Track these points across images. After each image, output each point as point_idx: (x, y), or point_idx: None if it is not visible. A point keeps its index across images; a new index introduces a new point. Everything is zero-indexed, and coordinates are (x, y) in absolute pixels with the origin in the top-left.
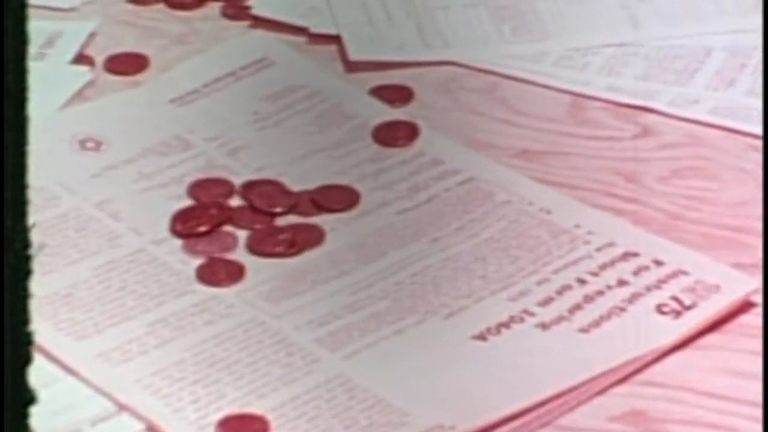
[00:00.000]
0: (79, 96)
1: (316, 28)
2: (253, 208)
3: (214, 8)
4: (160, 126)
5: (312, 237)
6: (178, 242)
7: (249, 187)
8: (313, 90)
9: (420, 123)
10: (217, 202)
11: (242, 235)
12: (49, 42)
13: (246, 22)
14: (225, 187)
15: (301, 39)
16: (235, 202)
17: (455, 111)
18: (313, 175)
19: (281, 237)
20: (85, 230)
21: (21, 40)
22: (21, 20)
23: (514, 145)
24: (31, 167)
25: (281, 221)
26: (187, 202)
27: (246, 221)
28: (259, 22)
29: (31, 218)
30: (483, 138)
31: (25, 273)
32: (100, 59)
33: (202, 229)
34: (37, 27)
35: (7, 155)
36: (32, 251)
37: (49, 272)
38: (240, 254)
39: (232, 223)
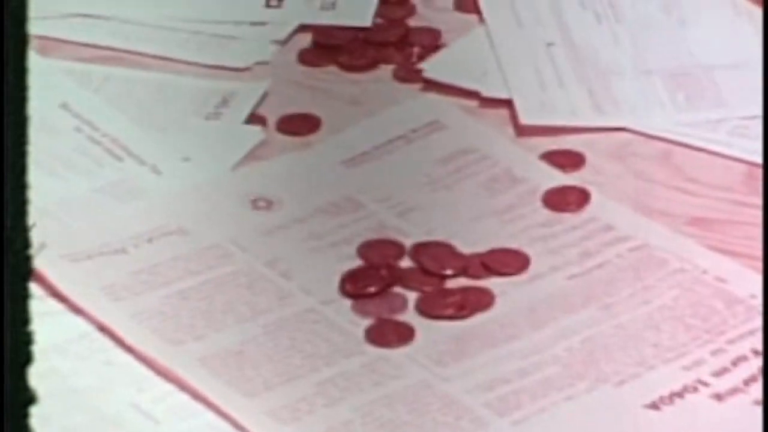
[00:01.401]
0: (252, 155)
1: (487, 92)
2: (423, 269)
3: (386, 71)
4: (332, 187)
5: (482, 300)
6: (347, 302)
7: (419, 248)
8: (484, 154)
9: (591, 189)
10: (388, 263)
11: (412, 296)
12: (224, 102)
13: (418, 85)
14: (395, 248)
15: (473, 103)
16: (406, 263)
17: (628, 177)
18: (484, 239)
19: (451, 299)
20: (256, 288)
21: (21, 40)
22: (21, 20)
23: (688, 213)
24: (205, 225)
25: (451, 284)
26: (358, 263)
27: (416, 283)
28: (431, 85)
29: (204, 276)
30: (656, 205)
31: (25, 273)
32: (272, 119)
33: (372, 289)
34: (211, 87)
35: (8, 155)
36: (32, 251)
37: (221, 329)
38: (409, 316)
39: (402, 284)
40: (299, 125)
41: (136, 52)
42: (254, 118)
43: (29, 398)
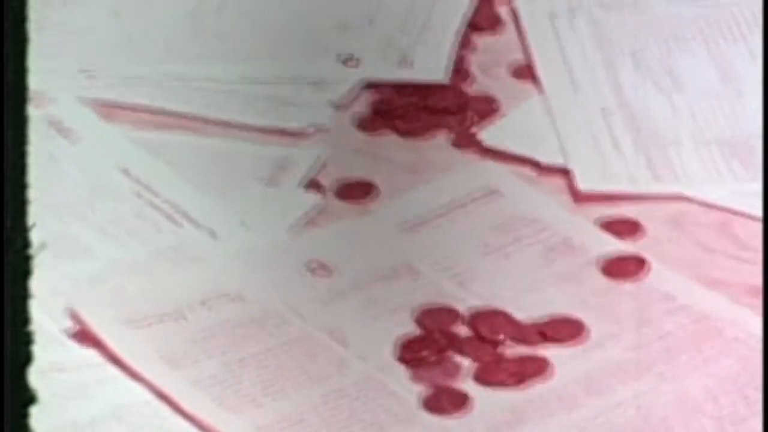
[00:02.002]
0: (309, 221)
1: (545, 160)
2: (480, 337)
3: (443, 138)
4: (389, 253)
5: (539, 369)
6: (404, 370)
7: (476, 316)
8: (541, 221)
9: (649, 257)
10: (444, 330)
11: (469, 364)
12: (282, 167)
13: (475, 153)
14: (452, 315)
15: (530, 170)
16: (463, 331)
17: (686, 246)
18: (541, 306)
19: (508, 368)
20: (314, 355)
21: (21, 39)
22: (21, 19)
23: (746, 282)
24: (263, 291)
25: (508, 352)
26: (415, 330)
27: (473, 351)
28: (488, 152)
29: (262, 343)
30: (714, 274)
31: (25, 273)
32: (330, 185)
33: (429, 357)
34: (269, 152)
35: (8, 155)
36: (32, 251)
37: (280, 397)
38: (466, 384)
39: (459, 352)
40: (357, 191)
41: (195, 116)
42: (312, 184)
43: (29, 398)
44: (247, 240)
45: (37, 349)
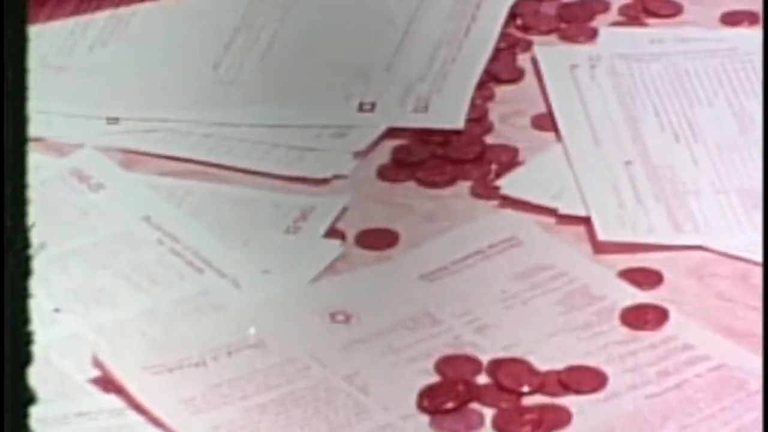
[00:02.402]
0: (330, 269)
1: (565, 209)
2: (500, 386)
3: (463, 187)
4: (410, 301)
5: (559, 418)
6: (425, 419)
7: (496, 365)
8: (561, 270)
9: (670, 307)
10: (464, 379)
11: (489, 413)
12: (303, 216)
13: (495, 202)
14: (472, 364)
15: (550, 219)
16: (482, 379)
17: (706, 296)
18: (561, 356)
19: (528, 417)
20: (335, 403)
21: (21, 39)
22: (21, 20)
23: None
24: (284, 338)
25: (528, 401)
26: (435, 378)
27: (493, 399)
28: (508, 201)
29: (283, 390)
30: (735, 325)
31: (24, 273)
32: (351, 234)
33: (449, 406)
34: (291, 200)
35: (8, 155)
36: (32, 251)
37: None
38: None
39: (479, 401)
40: (378, 239)
41: (218, 164)
42: (333, 232)
43: (29, 398)
44: (269, 288)
45: (61, 396)
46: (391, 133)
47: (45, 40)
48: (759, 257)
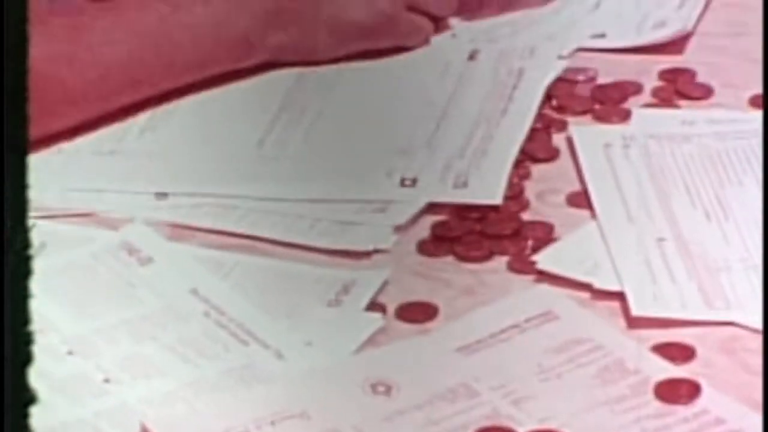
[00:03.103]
0: (371, 341)
1: (599, 284)
2: None
3: (500, 262)
4: (448, 373)
5: None
6: None
7: None
8: (596, 344)
9: (702, 381)
10: None
11: None
12: (345, 289)
13: (531, 276)
14: None
15: (585, 294)
16: None
17: (738, 371)
18: (596, 429)
19: None
20: None
21: (21, 38)
22: (21, 19)
23: None
24: (327, 409)
25: None
26: None
27: None
28: (544, 276)
29: None
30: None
31: (25, 273)
32: (391, 307)
33: None
34: (333, 274)
35: (8, 155)
36: (32, 251)
37: None
38: None
39: None
40: (417, 313)
41: (262, 238)
42: (374, 305)
43: (29, 398)
44: (312, 359)
45: None
46: (431, 208)
47: (97, 132)
48: None
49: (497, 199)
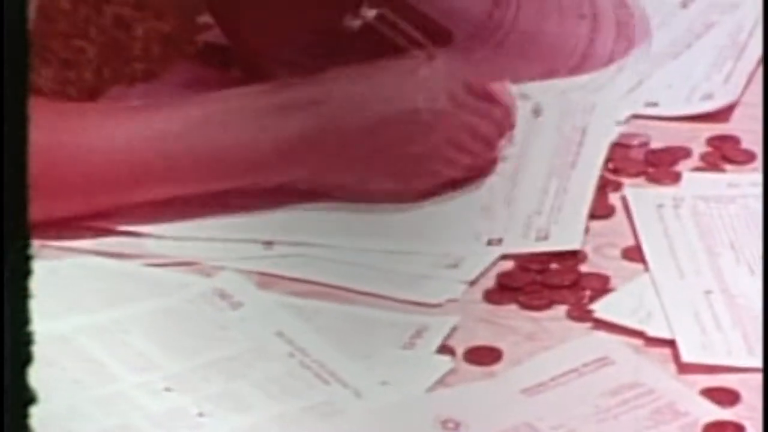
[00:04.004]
0: (441, 382)
1: (652, 332)
2: None
3: (560, 310)
4: (512, 413)
5: None
6: None
7: None
8: (649, 388)
9: (747, 424)
10: None
11: None
12: (418, 333)
13: (589, 324)
14: None
15: (639, 341)
16: None
17: None
18: None
19: None
20: None
21: (21, 38)
22: (21, 21)
23: None
24: None
25: None
26: None
27: None
28: (601, 324)
29: None
30: None
31: (25, 273)
32: (460, 350)
33: None
34: (407, 320)
35: (8, 156)
36: (32, 251)
37: None
38: None
39: None
40: (484, 356)
41: (344, 287)
42: (444, 349)
43: (29, 398)
44: (387, 397)
45: None
46: (496, 261)
47: None
48: None
49: (578, 245)
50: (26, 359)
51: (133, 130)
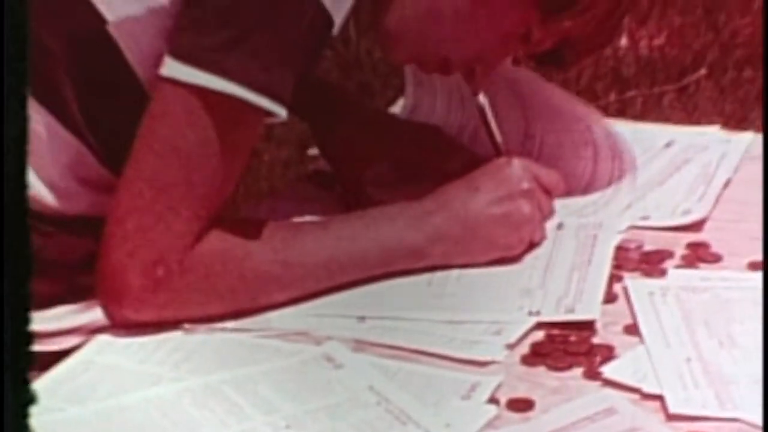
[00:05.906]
0: (489, 425)
1: (647, 389)
2: None
3: (577, 372)
4: None
5: None
6: None
7: None
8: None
9: None
10: None
11: None
12: (473, 387)
13: (599, 383)
14: None
15: (636, 396)
16: None
17: None
18: None
19: None
20: None
21: (21, 39)
22: (21, 22)
23: None
24: None
25: None
26: None
27: None
28: (608, 383)
29: None
30: None
31: (25, 273)
32: (503, 401)
33: None
34: (465, 377)
35: (8, 156)
36: (32, 251)
37: None
38: None
39: None
40: (520, 406)
41: (418, 350)
42: (491, 399)
43: (29, 398)
44: None
45: None
46: (531, 330)
47: None
48: None
49: (596, 315)
50: (26, 359)
51: (322, 243)
